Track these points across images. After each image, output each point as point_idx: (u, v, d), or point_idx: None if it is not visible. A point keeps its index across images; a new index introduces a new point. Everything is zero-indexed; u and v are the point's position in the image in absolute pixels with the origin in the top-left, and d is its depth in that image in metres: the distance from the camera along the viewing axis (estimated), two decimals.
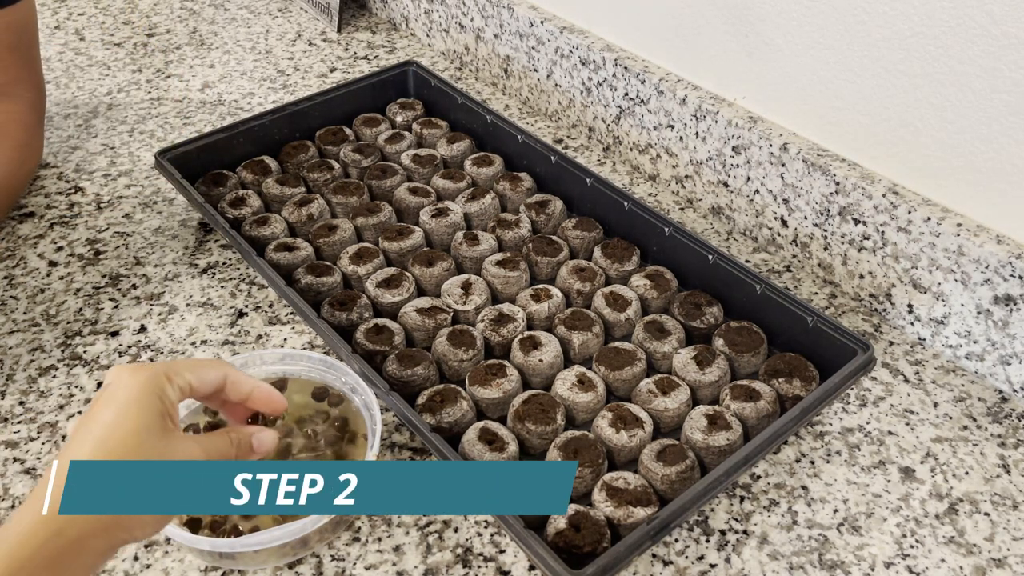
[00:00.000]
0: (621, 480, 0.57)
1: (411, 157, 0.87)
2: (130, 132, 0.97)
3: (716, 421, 0.61)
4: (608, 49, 0.88)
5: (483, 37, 1.02)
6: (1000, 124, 0.62)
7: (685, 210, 0.86)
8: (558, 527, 0.54)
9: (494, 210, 0.81)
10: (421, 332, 0.69)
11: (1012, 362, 0.66)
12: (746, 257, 0.80)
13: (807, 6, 0.70)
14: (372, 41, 1.14)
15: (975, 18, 0.60)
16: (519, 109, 1.01)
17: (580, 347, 0.67)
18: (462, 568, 0.56)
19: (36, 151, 0.85)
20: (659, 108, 0.84)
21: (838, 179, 0.71)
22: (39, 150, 0.87)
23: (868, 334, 0.72)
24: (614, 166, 0.92)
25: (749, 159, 0.77)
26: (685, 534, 0.58)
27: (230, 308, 0.75)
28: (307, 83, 1.05)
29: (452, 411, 0.61)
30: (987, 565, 0.56)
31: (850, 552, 0.57)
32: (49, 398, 0.67)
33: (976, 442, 0.64)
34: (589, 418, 0.63)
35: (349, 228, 0.78)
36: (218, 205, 0.80)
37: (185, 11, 1.22)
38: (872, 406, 0.66)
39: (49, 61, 1.09)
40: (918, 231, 0.67)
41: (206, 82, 1.05)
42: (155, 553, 0.57)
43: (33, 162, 0.84)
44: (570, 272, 0.73)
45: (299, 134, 0.90)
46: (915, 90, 0.66)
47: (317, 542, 0.56)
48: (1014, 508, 0.59)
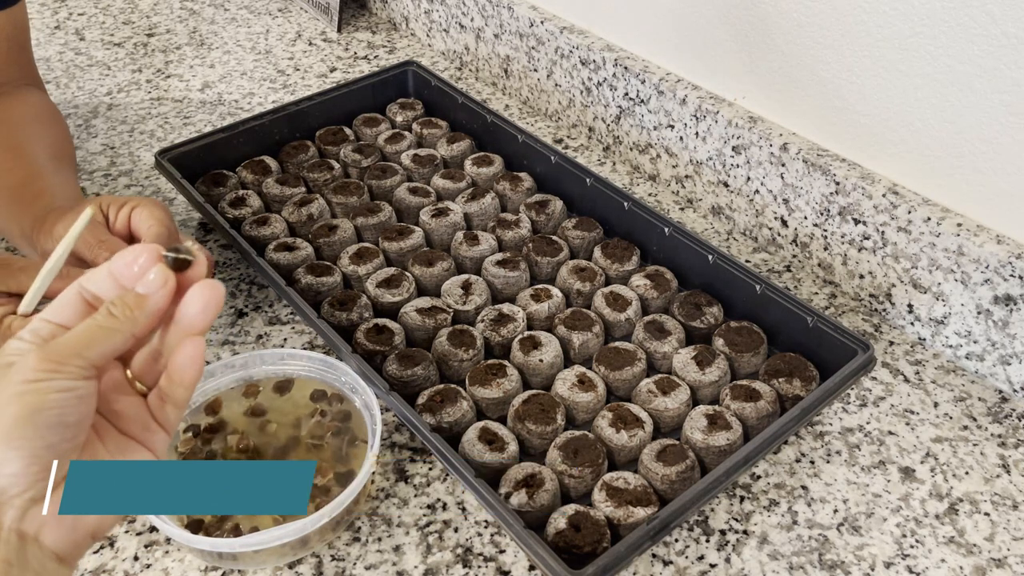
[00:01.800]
0: (621, 480, 0.57)
1: (411, 157, 0.87)
2: (130, 132, 0.97)
3: (716, 421, 0.61)
4: (608, 49, 0.88)
5: (483, 37, 1.02)
6: (1000, 124, 0.62)
7: (685, 210, 0.86)
8: (558, 527, 0.54)
9: (494, 210, 0.81)
10: (421, 332, 0.69)
11: (1012, 362, 0.66)
12: (746, 257, 0.80)
13: (807, 6, 0.70)
14: (372, 41, 1.14)
15: (975, 18, 0.60)
16: (519, 109, 1.01)
17: (580, 347, 0.67)
18: (462, 568, 0.56)
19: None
20: (659, 108, 0.84)
21: (838, 179, 0.71)
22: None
23: (868, 334, 0.72)
24: (614, 166, 0.92)
25: (749, 159, 0.77)
26: (685, 534, 0.58)
27: (230, 308, 0.75)
28: (307, 83, 1.05)
29: (452, 411, 0.61)
30: (987, 565, 0.56)
31: (850, 552, 0.57)
32: None
33: (976, 442, 0.64)
34: (589, 418, 0.63)
35: (349, 228, 0.78)
36: (218, 205, 0.80)
37: (185, 11, 1.22)
38: (872, 406, 0.66)
39: (49, 61, 1.09)
40: (918, 231, 0.67)
41: (206, 82, 1.05)
42: (155, 553, 0.57)
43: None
44: (570, 272, 0.73)
45: (299, 134, 0.90)
46: (915, 90, 0.66)
47: (317, 542, 0.56)
48: (1014, 508, 0.59)
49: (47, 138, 0.75)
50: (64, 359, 0.37)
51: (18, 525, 0.36)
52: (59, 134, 0.78)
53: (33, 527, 0.36)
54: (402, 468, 0.62)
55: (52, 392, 0.36)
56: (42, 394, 0.36)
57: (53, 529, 0.37)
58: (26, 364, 0.36)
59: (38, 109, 0.78)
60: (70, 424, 0.37)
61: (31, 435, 0.35)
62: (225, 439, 0.60)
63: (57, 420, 0.36)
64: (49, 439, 0.36)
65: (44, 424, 0.36)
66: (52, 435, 0.36)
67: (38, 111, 0.78)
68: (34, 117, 0.76)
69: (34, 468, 0.36)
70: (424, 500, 0.60)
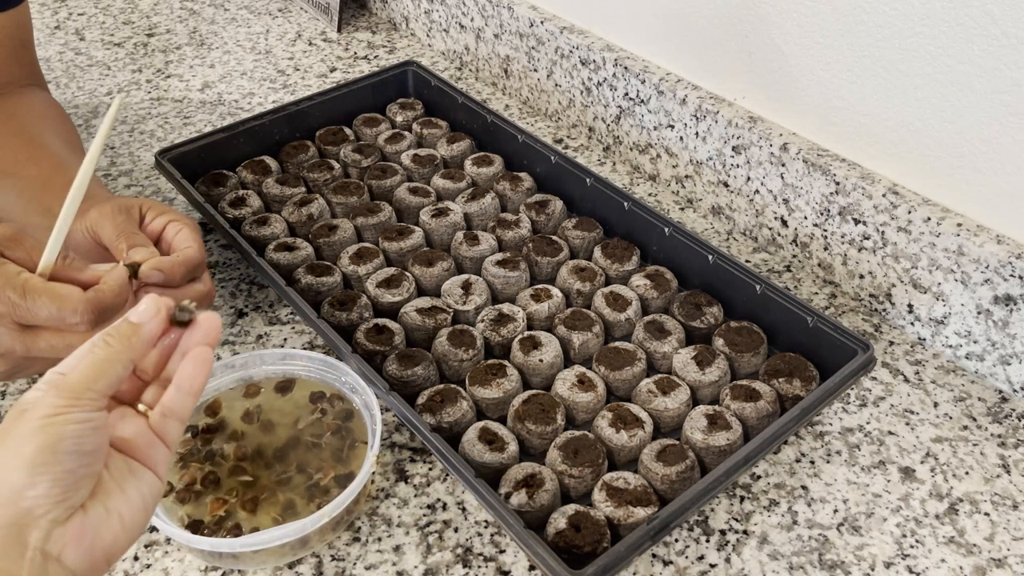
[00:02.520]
0: (621, 480, 0.57)
1: (411, 157, 0.87)
2: (130, 132, 0.97)
3: (716, 421, 0.61)
4: (608, 49, 0.88)
5: (483, 37, 1.02)
6: (1000, 124, 0.62)
7: (685, 210, 0.86)
8: (558, 527, 0.54)
9: (494, 210, 0.81)
10: (421, 332, 0.69)
11: (1012, 362, 0.66)
12: (746, 257, 0.80)
13: (807, 6, 0.70)
14: (372, 41, 1.14)
15: (975, 18, 0.60)
16: (519, 109, 1.01)
17: (580, 347, 0.67)
18: (462, 568, 0.56)
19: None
20: (659, 108, 0.84)
21: (838, 179, 0.71)
22: None
23: (868, 334, 0.72)
24: (614, 166, 0.92)
25: (749, 159, 0.77)
26: (685, 534, 0.58)
27: (230, 308, 0.75)
28: (307, 83, 1.05)
29: (452, 411, 0.61)
30: (987, 565, 0.56)
31: (850, 552, 0.57)
32: None
33: (976, 442, 0.64)
34: (589, 418, 0.63)
35: (349, 228, 0.78)
36: (218, 205, 0.80)
37: (185, 11, 1.22)
38: (872, 406, 0.66)
39: (49, 61, 1.09)
40: (918, 231, 0.67)
41: (206, 82, 1.05)
42: (155, 553, 0.57)
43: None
44: (570, 272, 0.73)
45: (299, 134, 0.90)
46: (915, 90, 0.66)
47: (317, 542, 0.56)
48: (1014, 508, 0.59)
49: (62, 133, 0.75)
50: (78, 394, 0.40)
51: (43, 545, 0.39)
52: (71, 130, 0.78)
53: (56, 548, 0.39)
54: (402, 468, 0.62)
55: (70, 424, 0.39)
56: (61, 426, 0.39)
57: (73, 549, 0.39)
58: (44, 402, 0.40)
59: (46, 106, 0.78)
60: (87, 452, 0.40)
61: (52, 462, 0.38)
62: (224, 440, 0.60)
63: (75, 448, 0.39)
64: (68, 465, 0.39)
65: (64, 452, 0.39)
66: (71, 462, 0.39)
67: (46, 108, 0.78)
68: (44, 114, 0.77)
69: (56, 490, 0.39)
70: (424, 500, 0.60)
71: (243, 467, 0.58)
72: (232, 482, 0.57)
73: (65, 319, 0.51)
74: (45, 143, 0.72)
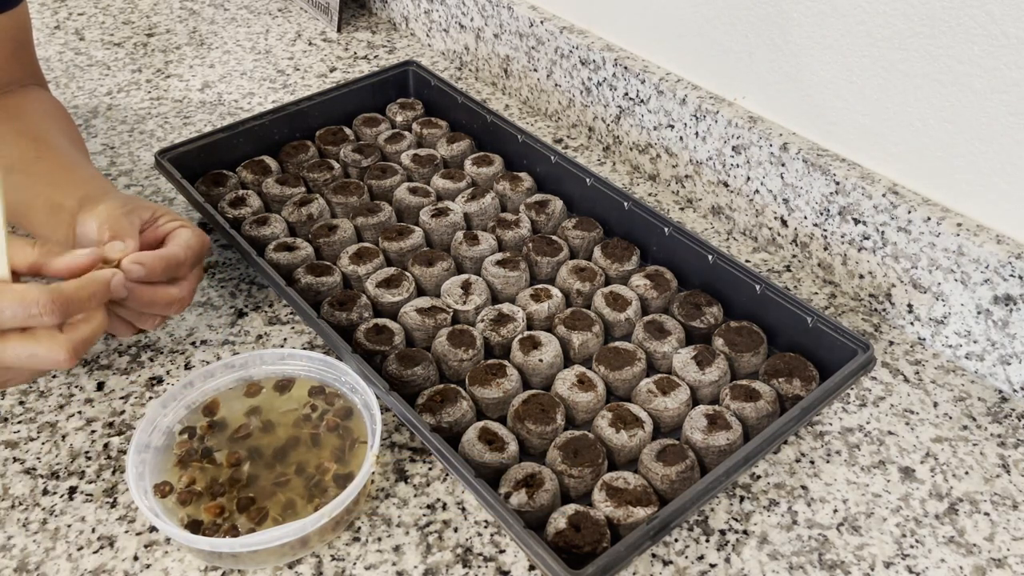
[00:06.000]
0: (621, 480, 0.57)
1: (411, 157, 0.87)
2: (130, 132, 0.97)
3: (716, 421, 0.61)
4: (608, 49, 0.88)
5: (483, 37, 1.02)
6: (1000, 124, 0.62)
7: (685, 210, 0.86)
8: (558, 527, 0.54)
9: (494, 210, 0.81)
10: (421, 332, 0.69)
11: (1012, 362, 0.66)
12: (746, 257, 0.80)
13: (807, 6, 0.70)
14: (372, 41, 1.14)
15: (975, 18, 0.60)
16: (519, 109, 1.01)
17: (580, 347, 0.67)
18: (462, 568, 0.56)
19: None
20: (659, 108, 0.84)
21: (838, 179, 0.71)
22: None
23: (868, 334, 0.72)
24: (614, 166, 0.92)
25: (749, 159, 0.77)
26: (685, 534, 0.58)
27: (230, 308, 0.75)
28: (307, 83, 1.05)
29: (452, 411, 0.61)
30: (987, 565, 0.56)
31: (850, 552, 0.57)
32: (49, 398, 0.67)
33: (976, 442, 0.64)
34: (589, 418, 0.63)
35: (349, 228, 0.78)
36: (218, 205, 0.80)
37: (185, 11, 1.22)
38: (872, 406, 0.66)
39: (49, 61, 1.09)
40: (918, 231, 0.67)
41: (206, 82, 1.05)
42: (155, 553, 0.57)
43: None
44: (570, 272, 0.73)
45: (299, 134, 0.90)
46: (915, 90, 0.66)
47: (317, 542, 0.56)
48: (1014, 508, 0.60)
49: (66, 132, 0.76)
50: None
51: None
52: (74, 128, 0.79)
53: None
54: (402, 468, 0.62)
55: None
56: None
57: None
58: None
59: (48, 106, 0.78)
60: None
61: None
62: (224, 440, 0.60)
63: None
64: None
65: None
66: None
67: (48, 107, 0.78)
68: (49, 112, 0.77)
69: None
70: (424, 500, 0.60)
71: (242, 467, 0.58)
72: (231, 482, 0.57)
73: (29, 313, 0.51)
74: (52, 141, 0.72)
